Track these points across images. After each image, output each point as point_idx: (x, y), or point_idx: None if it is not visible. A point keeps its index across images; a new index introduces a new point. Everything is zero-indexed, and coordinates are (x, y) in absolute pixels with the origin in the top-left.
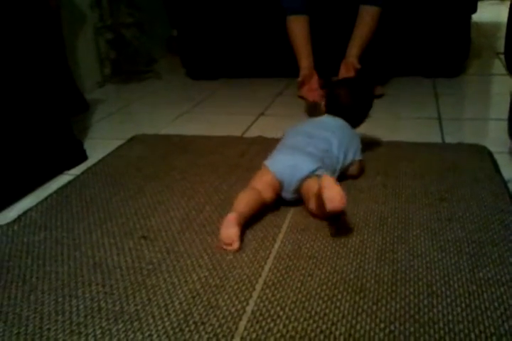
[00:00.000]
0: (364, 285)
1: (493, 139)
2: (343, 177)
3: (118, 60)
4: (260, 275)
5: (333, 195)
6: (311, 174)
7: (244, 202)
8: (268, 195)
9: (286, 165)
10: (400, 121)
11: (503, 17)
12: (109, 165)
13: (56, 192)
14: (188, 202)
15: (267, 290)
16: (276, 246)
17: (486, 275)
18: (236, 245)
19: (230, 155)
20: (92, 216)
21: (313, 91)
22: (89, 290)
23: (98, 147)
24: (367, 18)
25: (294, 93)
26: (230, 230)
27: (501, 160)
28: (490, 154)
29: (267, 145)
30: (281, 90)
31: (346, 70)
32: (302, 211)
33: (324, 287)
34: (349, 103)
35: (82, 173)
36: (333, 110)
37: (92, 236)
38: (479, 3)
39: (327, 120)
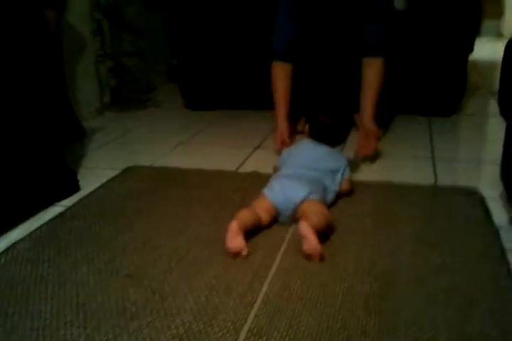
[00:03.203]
0: (350, 337)
1: (486, 182)
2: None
3: (118, 88)
4: (246, 321)
5: (310, 247)
6: (304, 200)
7: (244, 214)
8: (265, 217)
9: (281, 193)
10: (393, 158)
11: (500, 55)
12: (101, 198)
13: (46, 224)
14: (177, 239)
15: (252, 339)
16: (263, 289)
17: (475, 328)
18: (245, 252)
19: (223, 191)
20: (80, 251)
21: (281, 142)
22: (70, 332)
23: (92, 177)
24: (374, 72)
25: None
26: (235, 240)
27: (493, 205)
28: (482, 199)
29: (260, 182)
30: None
31: (366, 140)
32: (291, 250)
33: (309, 338)
34: (329, 126)
35: (74, 205)
36: (315, 133)
37: (78, 274)
38: (476, 40)
39: (312, 150)
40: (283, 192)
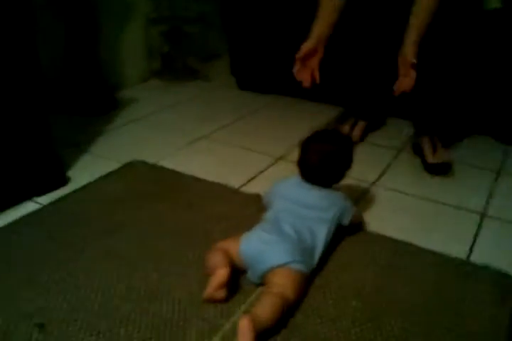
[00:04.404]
0: None
1: None
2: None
3: (170, 55)
4: None
5: None
6: (282, 266)
7: (226, 258)
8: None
9: (259, 247)
10: (427, 206)
11: None
12: (78, 202)
13: (2, 229)
14: (128, 278)
15: None
16: None
17: None
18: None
19: (209, 216)
20: (15, 276)
21: (309, 72)
22: None
23: (89, 167)
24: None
25: None
26: (220, 292)
27: None
28: None
29: (256, 211)
30: (324, 124)
31: (404, 68)
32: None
33: None
34: (320, 169)
35: (46, 206)
36: (303, 171)
37: None
38: None
39: (300, 194)
40: (259, 250)
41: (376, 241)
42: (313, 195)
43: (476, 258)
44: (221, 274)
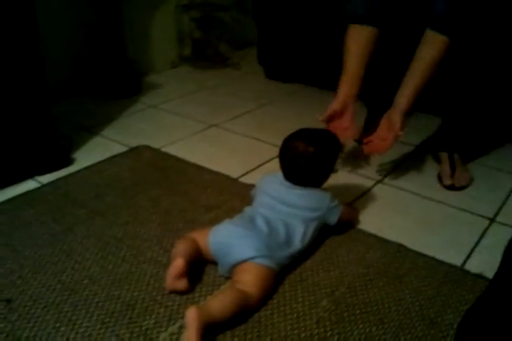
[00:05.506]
0: None
1: None
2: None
3: (200, 41)
4: None
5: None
6: (246, 260)
7: (188, 246)
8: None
9: (225, 241)
10: (439, 208)
11: None
12: (76, 183)
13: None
14: (103, 260)
15: None
16: None
17: None
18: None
19: (201, 204)
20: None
21: (344, 129)
22: None
23: (98, 149)
24: (430, 52)
25: None
26: (179, 282)
27: None
28: None
29: (249, 203)
30: None
31: (386, 133)
32: None
33: None
34: (294, 168)
35: (44, 186)
36: (283, 172)
37: None
38: None
39: (284, 193)
40: (225, 243)
41: (365, 240)
42: (293, 194)
43: (473, 265)
44: (176, 265)
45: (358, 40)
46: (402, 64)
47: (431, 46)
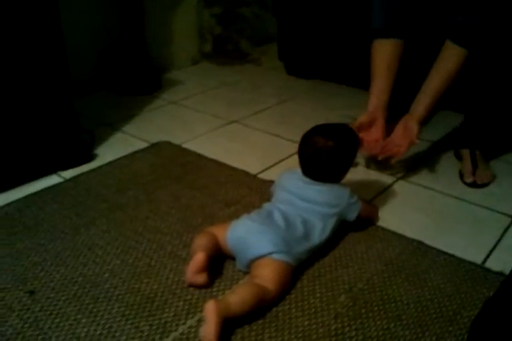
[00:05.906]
0: None
1: None
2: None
3: (221, 37)
4: None
5: (204, 335)
6: (264, 256)
7: (209, 241)
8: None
9: (240, 239)
10: (460, 205)
11: None
12: (98, 178)
13: (19, 201)
14: (124, 253)
15: None
16: None
17: None
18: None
19: (219, 200)
20: (19, 243)
21: (372, 141)
22: None
23: (119, 145)
24: (449, 63)
25: None
26: (199, 276)
27: None
28: None
29: (267, 199)
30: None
31: (402, 140)
32: None
33: None
34: (313, 163)
35: (67, 181)
36: (302, 168)
37: None
38: None
39: (303, 189)
40: (243, 239)
41: (384, 237)
42: (312, 189)
43: (493, 263)
44: (197, 259)
45: (382, 54)
46: (416, 70)
47: (450, 58)
